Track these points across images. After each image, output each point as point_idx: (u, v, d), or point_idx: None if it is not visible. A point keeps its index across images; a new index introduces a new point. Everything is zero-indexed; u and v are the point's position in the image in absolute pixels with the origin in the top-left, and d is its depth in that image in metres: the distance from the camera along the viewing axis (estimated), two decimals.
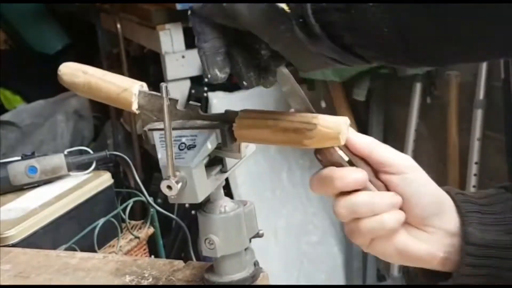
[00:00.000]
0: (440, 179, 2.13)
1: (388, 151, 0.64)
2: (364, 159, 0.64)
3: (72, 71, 0.74)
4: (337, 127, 0.61)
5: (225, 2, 0.55)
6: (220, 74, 0.58)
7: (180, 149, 0.67)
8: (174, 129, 0.67)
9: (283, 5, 0.52)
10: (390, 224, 0.62)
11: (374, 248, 0.65)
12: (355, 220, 0.63)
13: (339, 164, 0.63)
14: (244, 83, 0.59)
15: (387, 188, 0.64)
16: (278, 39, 0.54)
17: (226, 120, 0.68)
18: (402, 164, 0.64)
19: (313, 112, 0.63)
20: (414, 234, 0.65)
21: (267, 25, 0.54)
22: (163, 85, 0.65)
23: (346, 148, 0.64)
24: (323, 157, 0.64)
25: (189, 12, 0.58)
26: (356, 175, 0.62)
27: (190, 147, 0.67)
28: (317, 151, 0.64)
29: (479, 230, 0.64)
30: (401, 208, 0.64)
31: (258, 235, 0.74)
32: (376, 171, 0.64)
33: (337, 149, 0.63)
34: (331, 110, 2.40)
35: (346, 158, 0.64)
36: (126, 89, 0.72)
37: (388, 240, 0.64)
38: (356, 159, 0.64)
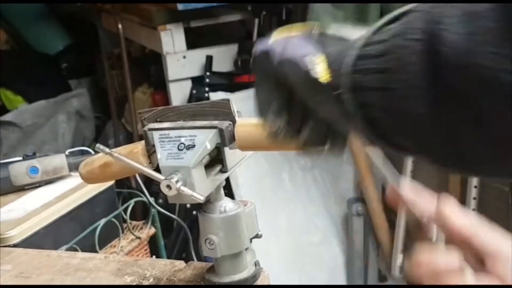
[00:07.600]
0: (441, 181, 2.13)
1: (492, 236, 0.51)
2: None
3: None
4: None
5: None
6: (276, 118, 0.53)
7: (179, 149, 0.67)
8: (173, 129, 0.67)
9: (321, 74, 0.47)
10: None
11: None
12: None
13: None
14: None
15: None
16: (318, 107, 0.49)
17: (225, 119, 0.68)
18: (505, 252, 0.50)
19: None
20: None
21: (307, 93, 0.49)
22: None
23: (444, 227, 0.53)
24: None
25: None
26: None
27: (189, 147, 0.67)
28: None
29: None
30: None
31: (257, 236, 0.75)
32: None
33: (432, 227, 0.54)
34: None
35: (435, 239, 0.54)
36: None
37: None
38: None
